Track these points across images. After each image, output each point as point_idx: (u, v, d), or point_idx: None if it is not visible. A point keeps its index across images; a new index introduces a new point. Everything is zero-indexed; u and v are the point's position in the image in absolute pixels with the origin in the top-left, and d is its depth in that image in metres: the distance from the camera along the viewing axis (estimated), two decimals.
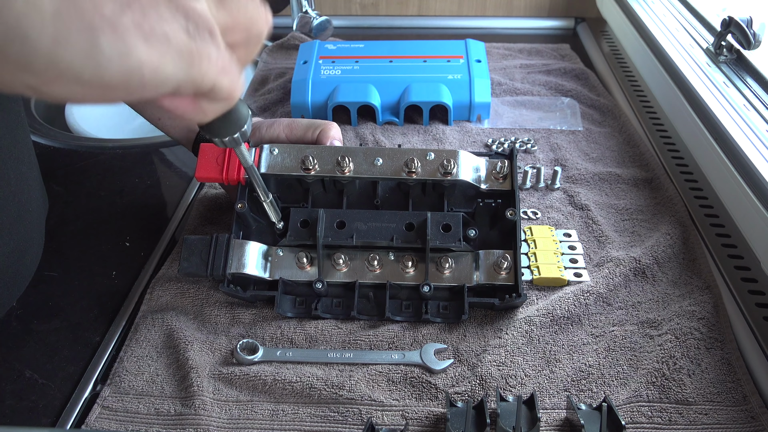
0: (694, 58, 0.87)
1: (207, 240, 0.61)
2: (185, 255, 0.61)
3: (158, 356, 0.58)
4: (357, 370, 0.56)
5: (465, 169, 0.64)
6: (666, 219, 0.72)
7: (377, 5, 1.28)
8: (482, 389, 0.54)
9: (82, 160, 0.88)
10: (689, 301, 0.62)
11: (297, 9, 1.18)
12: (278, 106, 0.96)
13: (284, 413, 0.53)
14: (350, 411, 0.53)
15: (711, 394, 0.53)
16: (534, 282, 0.65)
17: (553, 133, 0.89)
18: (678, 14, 1.02)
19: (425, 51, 0.96)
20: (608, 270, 0.65)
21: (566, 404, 0.53)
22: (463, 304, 0.60)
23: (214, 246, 0.61)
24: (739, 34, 0.80)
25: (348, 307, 0.61)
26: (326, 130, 0.67)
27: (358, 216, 0.63)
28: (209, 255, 0.60)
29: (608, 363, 0.56)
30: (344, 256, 0.62)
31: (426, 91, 0.89)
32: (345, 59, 0.95)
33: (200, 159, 0.64)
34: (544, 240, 0.69)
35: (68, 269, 0.69)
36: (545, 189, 0.78)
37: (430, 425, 0.52)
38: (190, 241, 0.61)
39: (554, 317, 0.60)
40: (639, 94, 0.99)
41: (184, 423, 0.52)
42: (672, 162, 0.83)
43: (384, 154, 0.65)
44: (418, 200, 0.66)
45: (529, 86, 1.00)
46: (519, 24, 1.27)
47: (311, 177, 0.64)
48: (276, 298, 0.61)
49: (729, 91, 0.79)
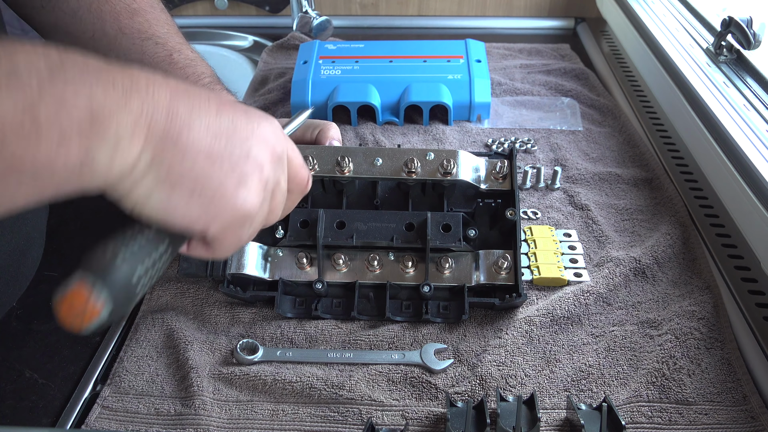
0: (694, 58, 0.87)
1: None
2: (185, 255, 0.60)
3: (158, 356, 0.58)
4: (357, 370, 0.56)
5: (465, 169, 0.64)
6: (666, 219, 0.72)
7: (377, 5, 1.27)
8: (482, 389, 0.54)
9: None
10: (689, 301, 0.62)
11: (297, 9, 1.18)
12: (278, 106, 0.96)
13: (284, 413, 0.53)
14: (350, 411, 0.53)
15: (711, 394, 0.53)
16: (534, 282, 0.65)
17: (553, 133, 0.89)
18: (678, 14, 1.02)
19: (425, 51, 0.96)
20: (608, 270, 0.65)
21: (566, 404, 0.53)
22: (463, 304, 0.60)
23: None
24: (739, 34, 0.80)
25: (348, 308, 0.61)
26: (325, 130, 0.67)
27: (358, 216, 0.63)
28: None
29: (608, 363, 0.56)
30: (344, 257, 0.62)
31: (426, 91, 0.89)
32: (345, 59, 0.95)
33: None
34: (544, 240, 0.69)
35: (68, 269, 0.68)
36: (545, 189, 0.78)
37: (430, 425, 0.52)
38: None
39: (554, 317, 0.60)
40: (639, 94, 0.99)
41: (184, 423, 0.52)
42: (672, 162, 0.83)
43: (384, 154, 0.65)
44: (417, 200, 0.66)
45: (529, 86, 1.00)
46: (519, 24, 1.27)
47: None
48: (276, 298, 0.61)
49: (729, 91, 0.79)
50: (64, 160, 0.33)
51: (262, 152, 0.42)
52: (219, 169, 0.40)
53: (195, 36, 1.23)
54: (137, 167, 0.36)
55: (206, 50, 1.18)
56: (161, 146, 0.37)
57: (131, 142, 0.35)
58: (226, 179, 0.40)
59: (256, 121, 0.43)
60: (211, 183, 0.39)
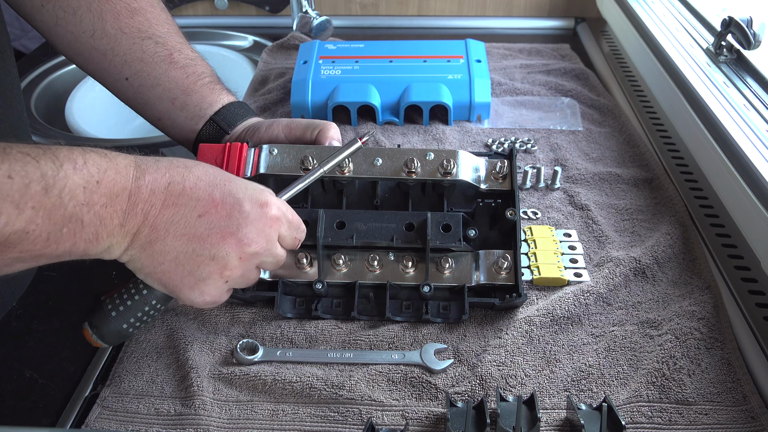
0: (694, 58, 0.87)
1: None
2: None
3: (158, 356, 0.58)
4: (357, 370, 0.56)
5: (465, 169, 0.64)
6: (666, 219, 0.72)
7: (377, 5, 1.27)
8: (482, 389, 0.54)
9: None
10: (689, 301, 0.62)
11: (297, 9, 1.18)
12: (278, 106, 0.96)
13: (284, 413, 0.53)
14: (350, 411, 0.53)
15: (711, 394, 0.53)
16: (534, 282, 0.65)
17: (553, 133, 0.89)
18: (678, 14, 1.02)
19: (425, 51, 0.96)
20: (608, 270, 0.65)
21: (566, 404, 0.53)
22: (463, 304, 0.60)
23: None
24: (739, 34, 0.80)
25: (348, 308, 0.61)
26: (325, 130, 0.66)
27: (357, 216, 0.63)
28: None
29: (608, 363, 0.56)
30: (344, 257, 0.62)
31: (426, 91, 0.89)
32: (345, 59, 0.95)
33: (199, 159, 0.64)
34: (544, 240, 0.69)
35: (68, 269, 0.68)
36: (545, 189, 0.78)
37: (430, 425, 0.52)
38: None
39: (554, 317, 0.60)
40: (639, 94, 0.99)
41: (184, 423, 0.52)
42: (672, 162, 0.83)
43: (384, 154, 0.65)
44: (417, 200, 0.66)
45: (529, 86, 1.00)
46: (519, 24, 1.27)
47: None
48: (276, 298, 0.61)
49: (729, 91, 0.79)
50: (60, 252, 0.43)
51: (231, 254, 0.49)
52: (181, 270, 0.49)
53: (195, 36, 1.24)
54: (120, 257, 0.48)
55: (206, 50, 1.18)
56: (139, 251, 0.47)
57: (118, 248, 0.47)
58: (184, 279, 0.49)
59: (242, 218, 0.49)
60: (172, 280, 0.49)
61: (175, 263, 0.48)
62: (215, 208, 0.48)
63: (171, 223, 0.47)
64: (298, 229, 0.55)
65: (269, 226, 0.51)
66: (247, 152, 0.64)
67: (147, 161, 0.47)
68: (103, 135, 0.96)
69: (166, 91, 0.68)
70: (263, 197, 0.51)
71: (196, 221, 0.48)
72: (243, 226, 0.49)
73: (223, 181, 0.50)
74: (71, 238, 0.43)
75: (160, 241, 0.47)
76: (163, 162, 0.48)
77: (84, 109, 1.04)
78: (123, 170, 0.45)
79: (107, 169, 0.44)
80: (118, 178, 0.45)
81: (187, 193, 0.47)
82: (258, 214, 0.50)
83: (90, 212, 0.43)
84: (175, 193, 0.47)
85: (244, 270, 0.51)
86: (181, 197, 0.47)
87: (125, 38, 0.65)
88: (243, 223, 0.49)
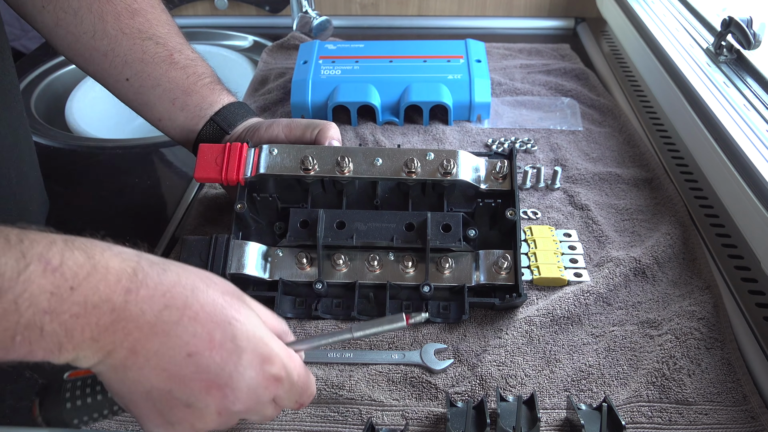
0: (694, 58, 0.87)
1: (206, 240, 0.61)
2: (184, 255, 0.61)
3: None
4: (357, 370, 0.56)
5: (465, 169, 0.64)
6: (666, 219, 0.72)
7: (377, 5, 1.27)
8: (482, 389, 0.54)
9: (82, 160, 0.88)
10: (689, 301, 0.62)
11: (297, 9, 1.18)
12: (278, 106, 0.96)
13: (284, 413, 0.53)
14: (350, 411, 0.53)
15: (711, 394, 0.53)
16: (534, 282, 0.65)
17: (553, 133, 0.89)
18: (678, 14, 1.02)
19: (425, 51, 0.96)
20: (608, 270, 0.65)
21: (566, 404, 0.53)
22: (463, 304, 0.60)
23: (213, 246, 0.61)
24: (739, 34, 0.80)
25: (348, 308, 0.61)
26: (325, 130, 0.67)
27: (357, 216, 0.63)
28: (209, 255, 0.60)
29: (608, 363, 0.56)
30: (344, 257, 0.62)
31: (426, 91, 0.89)
32: (345, 59, 0.95)
33: (199, 159, 0.64)
34: (544, 240, 0.69)
35: None
36: (545, 189, 0.78)
37: (430, 425, 0.52)
38: (190, 241, 0.61)
39: (554, 317, 0.60)
40: (639, 94, 0.99)
41: None
42: (672, 162, 0.83)
43: (384, 154, 0.65)
44: (417, 200, 0.66)
45: (529, 86, 1.00)
46: (519, 24, 1.27)
47: (311, 177, 0.64)
48: (276, 298, 0.61)
49: (729, 91, 0.79)
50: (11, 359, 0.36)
51: (210, 406, 0.42)
52: (151, 406, 0.41)
53: (195, 36, 1.24)
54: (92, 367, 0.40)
55: (206, 50, 1.18)
56: (110, 372, 0.40)
57: (86, 361, 0.39)
58: (151, 415, 0.42)
59: (236, 372, 0.41)
60: (139, 411, 0.42)
61: (146, 397, 0.41)
62: (210, 351, 0.40)
63: (154, 354, 0.39)
64: (303, 393, 0.47)
65: (264, 387, 0.43)
66: (247, 152, 0.64)
67: (151, 271, 0.40)
68: (103, 135, 0.96)
69: (166, 91, 0.68)
70: (268, 350, 0.43)
71: (184, 359, 0.40)
72: (234, 380, 0.41)
73: (231, 320, 0.41)
74: (26, 346, 0.36)
75: (136, 369, 0.39)
76: (170, 275, 0.40)
77: (84, 109, 1.04)
78: (113, 278, 0.38)
79: (90, 274, 0.37)
80: (102, 287, 0.37)
81: (183, 325, 0.40)
82: (256, 371, 0.42)
83: (53, 322, 0.36)
84: (170, 321, 0.39)
85: (219, 424, 0.43)
86: (176, 327, 0.40)
87: (126, 39, 0.65)
88: (235, 377, 0.41)
